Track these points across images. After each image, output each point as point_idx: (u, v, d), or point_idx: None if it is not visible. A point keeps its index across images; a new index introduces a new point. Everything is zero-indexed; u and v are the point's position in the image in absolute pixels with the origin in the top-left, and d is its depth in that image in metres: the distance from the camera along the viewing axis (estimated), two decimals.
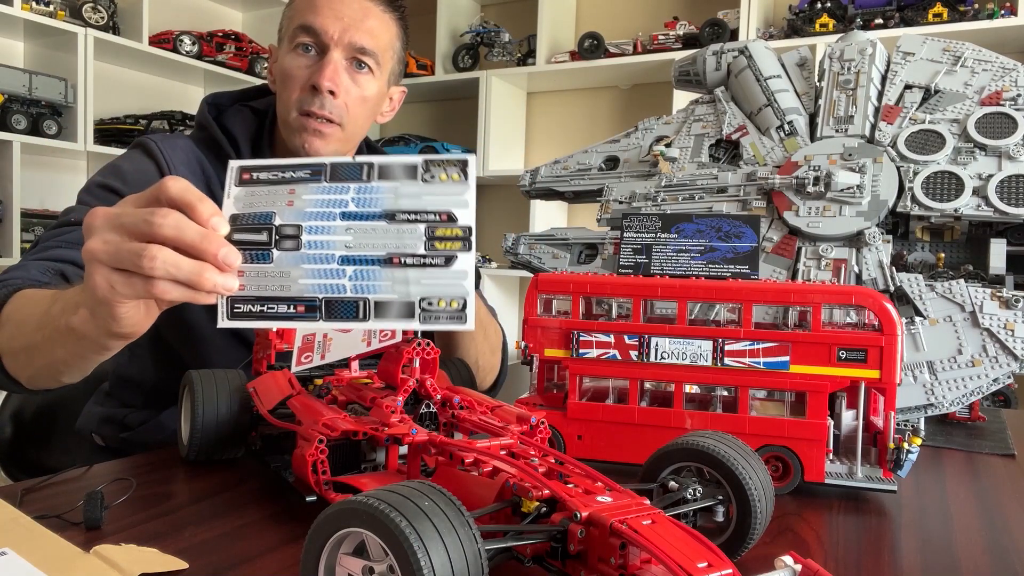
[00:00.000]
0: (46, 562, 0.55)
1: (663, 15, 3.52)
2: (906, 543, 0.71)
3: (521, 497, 0.51)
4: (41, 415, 1.38)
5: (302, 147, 1.14)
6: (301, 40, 1.12)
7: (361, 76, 1.15)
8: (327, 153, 1.15)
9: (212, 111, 1.22)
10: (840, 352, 0.80)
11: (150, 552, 0.58)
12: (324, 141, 1.14)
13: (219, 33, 3.51)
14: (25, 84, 2.85)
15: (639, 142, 1.40)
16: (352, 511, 0.44)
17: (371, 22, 1.14)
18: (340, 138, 1.16)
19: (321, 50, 1.12)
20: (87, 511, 0.64)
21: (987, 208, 1.08)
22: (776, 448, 0.81)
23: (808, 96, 1.30)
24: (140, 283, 0.59)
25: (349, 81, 1.14)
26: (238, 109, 1.24)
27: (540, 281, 0.91)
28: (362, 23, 1.12)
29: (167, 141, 1.16)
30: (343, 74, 1.13)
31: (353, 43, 1.12)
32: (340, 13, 1.11)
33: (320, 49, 1.12)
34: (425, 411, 0.74)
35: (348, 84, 1.14)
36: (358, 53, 1.13)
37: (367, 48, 1.13)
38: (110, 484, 0.75)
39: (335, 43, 1.11)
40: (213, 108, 1.23)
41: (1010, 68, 1.19)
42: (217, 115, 1.22)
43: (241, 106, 1.25)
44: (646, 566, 0.46)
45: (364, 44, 1.12)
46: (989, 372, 1.01)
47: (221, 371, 0.84)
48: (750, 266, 0.92)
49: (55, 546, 0.58)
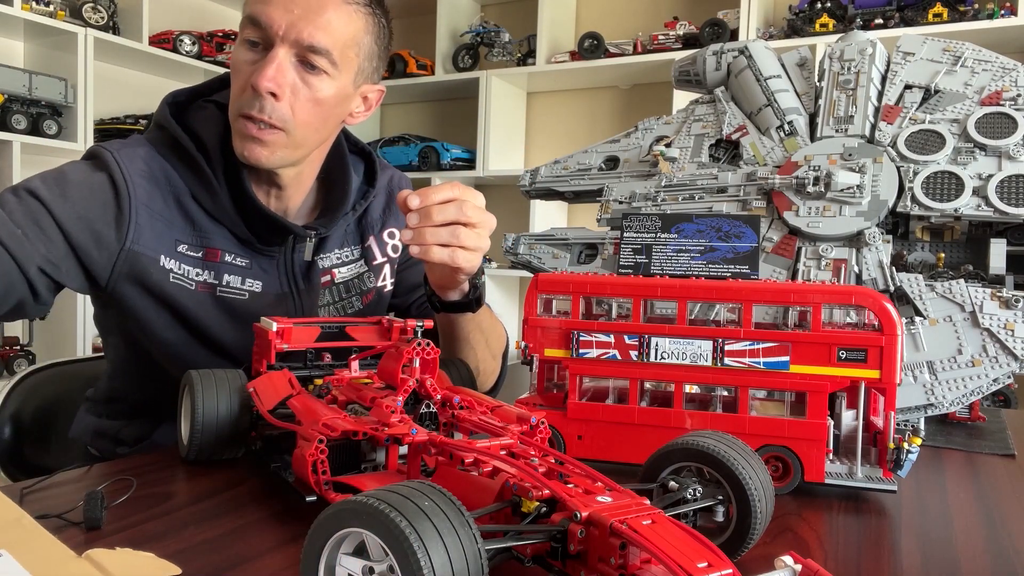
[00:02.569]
0: (37, 565, 0.55)
1: (663, 15, 3.52)
2: (906, 543, 0.71)
3: (521, 497, 0.51)
4: (41, 415, 1.38)
5: (242, 155, 1.03)
6: (247, 34, 1.01)
7: (312, 77, 1.01)
8: (270, 163, 1.05)
9: (172, 109, 1.10)
10: (840, 352, 0.79)
11: (145, 556, 0.58)
12: (266, 150, 1.03)
13: (219, 33, 3.51)
14: (25, 84, 2.85)
15: (639, 142, 1.40)
16: (352, 511, 0.44)
17: (328, 15, 0.99)
18: (285, 144, 1.03)
19: (267, 46, 1.00)
20: (87, 511, 0.64)
21: (987, 208, 1.08)
22: (776, 448, 0.81)
23: (808, 96, 1.30)
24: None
25: (298, 81, 1.01)
26: (200, 106, 1.12)
27: (540, 281, 0.91)
28: (316, 17, 0.98)
29: (125, 151, 1.05)
30: (288, 73, 0.99)
31: (301, 40, 0.98)
32: (290, 5, 0.98)
33: (266, 44, 1.00)
34: (425, 411, 0.74)
35: (296, 84, 1.01)
36: (308, 51, 0.99)
37: (318, 46, 0.99)
38: (111, 484, 0.75)
39: (280, 39, 0.98)
40: (173, 107, 1.11)
41: (1010, 68, 1.19)
42: (178, 113, 1.10)
43: (204, 102, 1.12)
44: (646, 566, 0.46)
45: (314, 42, 0.98)
46: (989, 372, 1.01)
47: (221, 371, 0.84)
48: (750, 266, 0.92)
49: (50, 549, 0.58)
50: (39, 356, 3.00)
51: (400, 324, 0.91)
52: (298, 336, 0.89)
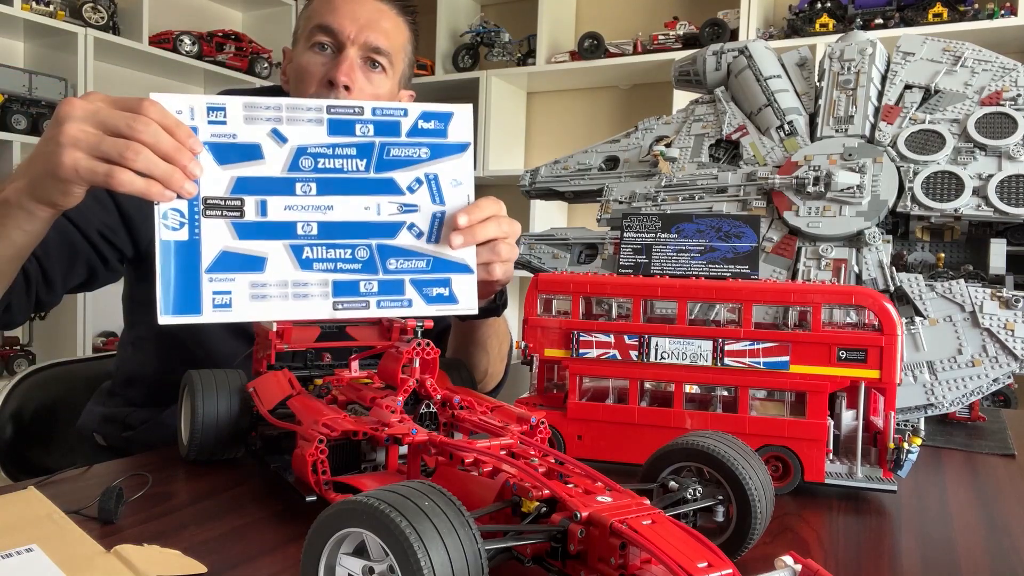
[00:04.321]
0: (66, 560, 0.55)
1: (663, 15, 3.52)
2: (906, 543, 0.71)
3: (521, 497, 0.51)
4: (41, 415, 1.38)
5: None
6: (318, 39, 1.16)
7: (375, 75, 1.18)
8: None
9: None
10: (840, 352, 0.80)
11: (171, 553, 0.58)
12: None
13: (219, 33, 3.51)
14: (25, 84, 2.85)
15: (639, 142, 1.40)
16: (352, 511, 0.44)
17: (386, 24, 1.18)
18: None
19: (337, 49, 1.16)
20: (102, 506, 0.65)
21: (987, 208, 1.08)
22: (776, 448, 0.81)
23: (808, 96, 1.30)
24: (103, 171, 0.72)
25: (363, 79, 1.17)
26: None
27: (540, 281, 0.91)
28: (377, 24, 1.17)
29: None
30: (358, 71, 1.16)
31: (368, 42, 1.16)
32: (356, 14, 1.16)
33: (336, 48, 1.16)
34: (425, 411, 0.74)
35: (363, 82, 1.17)
36: (372, 52, 1.17)
37: (381, 48, 1.17)
38: (126, 480, 0.75)
39: (351, 42, 1.15)
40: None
41: (1010, 68, 1.19)
42: None
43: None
44: (646, 566, 0.46)
45: (379, 44, 1.16)
46: (989, 372, 1.01)
47: (221, 371, 0.84)
48: (750, 266, 0.92)
49: (79, 544, 0.59)
50: (39, 356, 3.00)
51: (400, 324, 0.91)
52: (298, 336, 0.89)
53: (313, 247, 0.80)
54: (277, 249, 0.79)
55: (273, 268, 0.79)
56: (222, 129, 0.78)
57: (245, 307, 0.78)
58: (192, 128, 0.76)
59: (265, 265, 0.79)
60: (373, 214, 0.83)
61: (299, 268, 0.80)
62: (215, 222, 0.77)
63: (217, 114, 0.78)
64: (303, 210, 0.80)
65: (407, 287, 0.84)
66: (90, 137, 0.72)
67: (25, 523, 0.62)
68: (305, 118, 0.81)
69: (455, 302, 0.86)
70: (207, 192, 0.77)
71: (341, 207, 0.82)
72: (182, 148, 0.73)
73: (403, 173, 0.85)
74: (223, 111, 0.78)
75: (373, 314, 0.83)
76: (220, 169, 0.77)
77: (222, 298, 0.77)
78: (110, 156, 0.72)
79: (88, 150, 0.72)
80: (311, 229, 0.80)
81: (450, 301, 0.85)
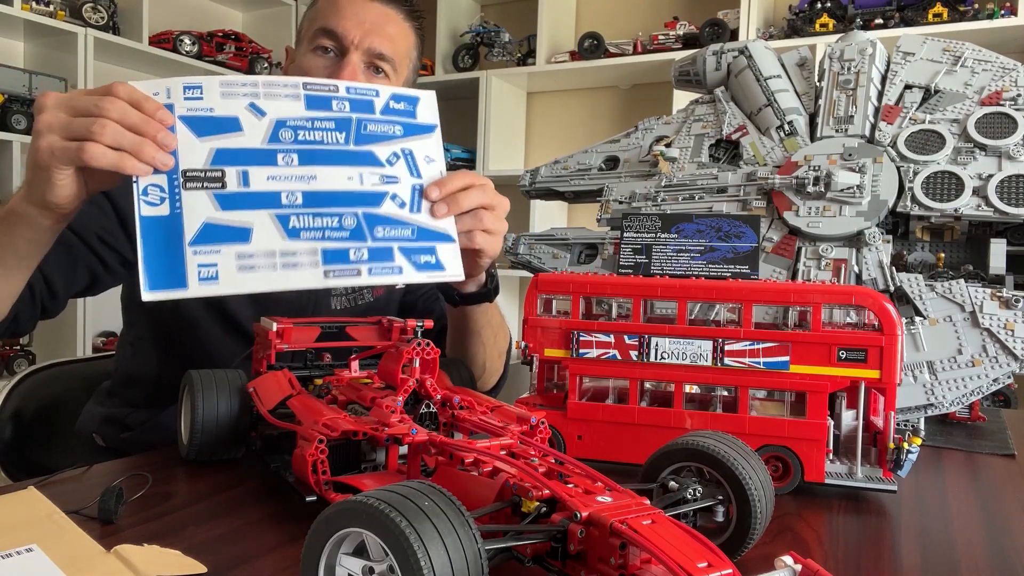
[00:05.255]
0: (66, 560, 0.55)
1: (663, 15, 3.52)
2: (906, 543, 0.71)
3: (521, 497, 0.51)
4: (41, 415, 1.38)
5: None
6: (321, 43, 1.15)
7: (377, 79, 1.17)
8: None
9: None
10: (840, 352, 0.80)
11: (171, 553, 0.58)
12: None
13: (219, 33, 3.51)
14: (25, 84, 2.85)
15: (639, 142, 1.40)
16: (352, 511, 0.44)
17: (391, 29, 1.16)
18: None
19: (341, 53, 1.15)
20: (103, 506, 0.65)
21: (987, 208, 1.08)
22: (776, 448, 0.81)
23: (808, 96, 1.30)
24: (75, 148, 0.73)
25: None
26: None
27: (540, 281, 0.91)
28: (382, 29, 1.15)
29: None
30: (361, 77, 1.15)
31: (372, 48, 1.14)
32: (362, 18, 1.14)
33: (340, 52, 1.15)
34: (425, 411, 0.74)
35: None
36: (376, 58, 1.15)
37: (385, 54, 1.15)
38: (126, 479, 0.75)
39: (355, 47, 1.13)
40: None
41: (1010, 68, 1.19)
42: None
43: None
44: (646, 566, 0.46)
45: (383, 50, 1.15)
46: (989, 372, 1.01)
47: (221, 371, 0.84)
48: (750, 266, 0.92)
49: (79, 544, 0.59)
50: (39, 356, 3.00)
51: (400, 324, 0.91)
52: (298, 336, 0.89)
53: (300, 216, 0.79)
54: (263, 218, 0.77)
55: (259, 238, 0.77)
56: (199, 104, 0.78)
57: (232, 279, 0.75)
58: (168, 106, 0.76)
59: (251, 235, 0.76)
60: (357, 183, 0.83)
61: (287, 238, 0.78)
62: (196, 194, 0.75)
63: (194, 91, 0.78)
64: (287, 180, 0.79)
65: (396, 254, 0.83)
66: (61, 120, 0.75)
67: (25, 523, 0.62)
68: (282, 94, 0.81)
69: (443, 269, 0.85)
70: (186, 164, 0.76)
71: (325, 177, 0.81)
72: (150, 120, 0.74)
73: (381, 147, 0.85)
74: (199, 89, 0.78)
75: (365, 281, 0.81)
76: (198, 141, 0.77)
77: (208, 271, 0.74)
78: (80, 134, 0.73)
79: (60, 132, 0.74)
80: (296, 199, 0.79)
81: (438, 268, 0.85)
